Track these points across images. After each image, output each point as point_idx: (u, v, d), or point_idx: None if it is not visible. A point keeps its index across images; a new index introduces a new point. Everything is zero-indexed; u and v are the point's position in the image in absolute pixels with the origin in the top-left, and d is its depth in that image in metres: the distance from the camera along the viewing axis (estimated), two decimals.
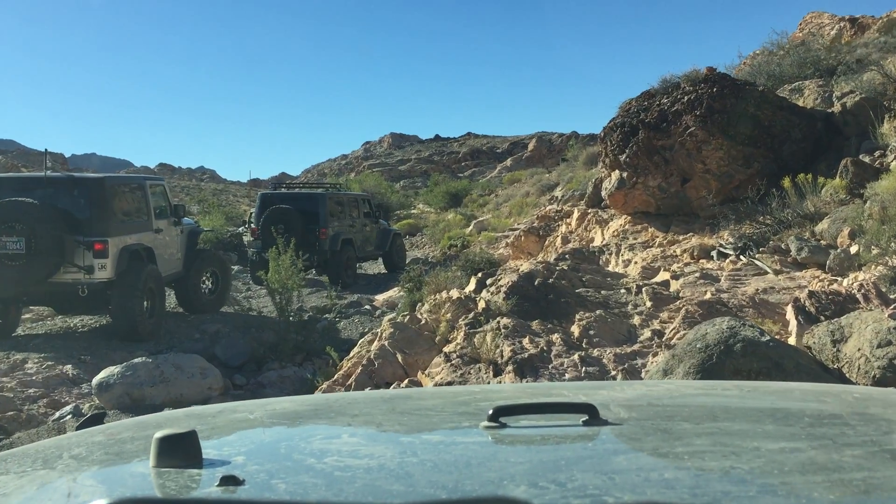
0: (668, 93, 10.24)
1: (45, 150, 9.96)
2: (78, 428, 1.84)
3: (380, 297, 13.17)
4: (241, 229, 21.68)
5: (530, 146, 61.31)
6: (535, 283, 7.71)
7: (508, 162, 57.60)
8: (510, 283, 7.62)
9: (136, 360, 7.39)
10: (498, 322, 6.91)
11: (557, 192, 22.59)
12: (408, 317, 7.57)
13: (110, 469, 1.23)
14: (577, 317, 7.09)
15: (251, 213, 24.52)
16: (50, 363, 8.32)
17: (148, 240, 10.39)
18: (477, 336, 6.80)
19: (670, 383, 2.78)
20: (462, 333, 6.93)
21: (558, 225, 13.38)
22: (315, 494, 0.99)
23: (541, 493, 0.96)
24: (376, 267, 18.99)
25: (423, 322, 7.49)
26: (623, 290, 8.00)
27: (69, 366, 8.27)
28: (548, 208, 19.55)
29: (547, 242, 12.77)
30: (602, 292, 7.95)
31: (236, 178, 65.70)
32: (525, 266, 8.41)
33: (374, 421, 1.54)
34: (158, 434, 1.11)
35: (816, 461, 1.13)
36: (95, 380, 7.22)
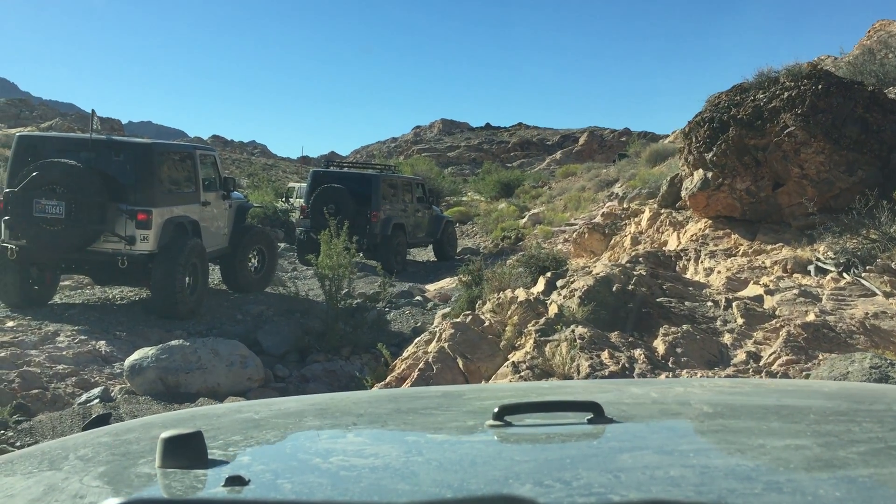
0: (765, 88, 9.31)
1: (93, 110, 9.36)
2: (84, 429, 1.76)
3: (431, 288, 12.50)
4: (280, 203, 21.12)
5: (581, 140, 60.61)
6: (614, 289, 6.93)
7: (558, 155, 57.14)
8: (585, 288, 6.85)
9: (172, 343, 6.80)
10: (573, 331, 6.16)
11: (617, 189, 21.67)
12: (469, 317, 6.85)
13: (116, 470, 1.19)
14: (662, 331, 6.31)
15: (289, 188, 24.07)
16: (83, 337, 7.79)
17: (194, 212, 9.81)
18: (549, 345, 6.06)
19: (675, 381, 2.67)
20: (532, 341, 6.19)
21: (625, 224, 12.53)
22: (320, 494, 0.99)
23: (546, 492, 0.95)
24: (425, 254, 18.34)
25: (487, 324, 6.77)
26: (710, 303, 7.18)
27: (103, 342, 7.73)
28: (608, 205, 18.68)
29: (613, 242, 11.93)
30: (686, 303, 7.15)
31: (286, 154, 65.71)
32: (599, 268, 7.63)
33: (379, 420, 1.50)
34: (164, 434, 1.10)
35: (822, 458, 1.13)
36: (128, 361, 6.66)
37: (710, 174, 9.48)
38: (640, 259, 8.81)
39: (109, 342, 7.74)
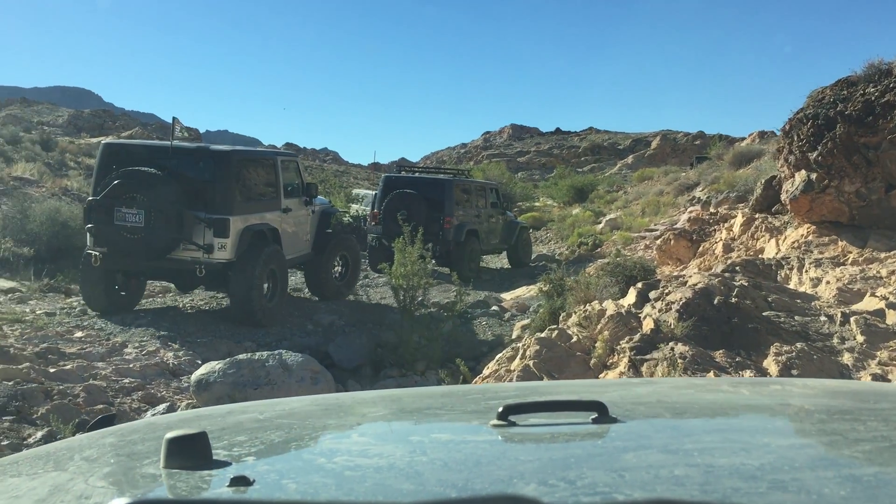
0: (876, 80, 8.50)
1: (174, 118, 9.23)
2: (88, 429, 1.64)
3: (507, 297, 11.97)
4: (353, 210, 20.85)
5: (653, 144, 59.70)
6: (715, 301, 6.29)
7: (630, 159, 56.51)
8: (683, 301, 6.23)
9: (240, 357, 6.48)
10: (672, 349, 5.56)
11: (699, 193, 20.75)
12: (555, 331, 6.31)
13: (121, 470, 1.18)
14: (773, 350, 5.65)
15: (350, 191, 23.82)
16: (151, 349, 7.55)
17: (275, 220, 9.65)
18: (646, 365, 5.48)
19: (679, 380, 2.61)
20: (626, 359, 5.62)
21: (714, 230, 11.76)
22: (325, 494, 0.98)
23: (550, 491, 0.94)
24: (498, 261, 17.83)
25: (574, 339, 6.22)
26: (823, 318, 6.46)
27: (170, 354, 7.47)
28: (691, 209, 17.84)
29: (702, 248, 11.18)
30: (796, 318, 6.45)
31: (357, 161, 66.10)
32: (696, 279, 6.99)
33: (384, 420, 1.49)
34: (169, 435, 1.09)
35: (827, 457, 1.13)
36: (194, 376, 6.36)
37: (814, 175, 8.70)
38: (738, 268, 8.11)
39: (177, 354, 7.48)
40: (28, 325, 7.89)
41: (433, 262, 13.23)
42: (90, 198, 8.97)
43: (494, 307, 10.62)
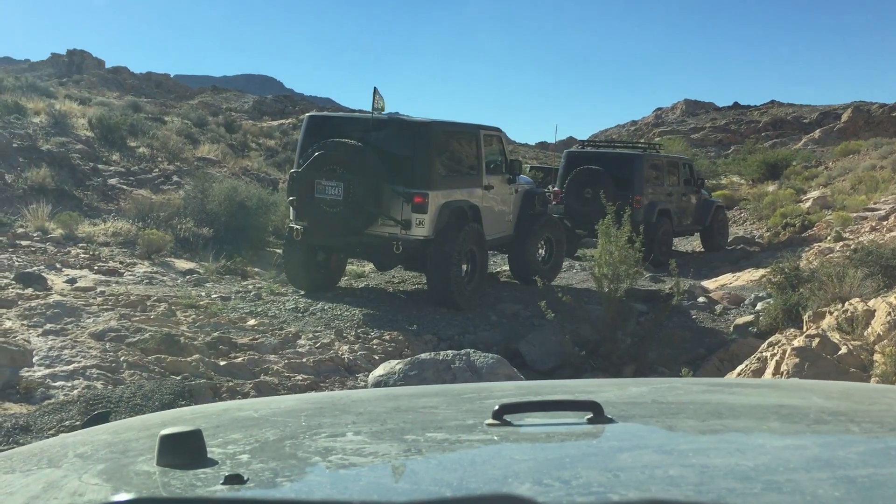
0: None
1: (375, 88, 8.65)
2: (83, 426, 1.51)
3: (711, 285, 10.50)
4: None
5: (844, 117, 54.69)
6: None
7: (817, 134, 52.33)
8: None
9: (422, 357, 5.62)
10: None
11: None
12: (816, 339, 4.96)
13: (115, 468, 1.14)
14: None
15: (527, 167, 22.74)
16: (325, 342, 6.87)
17: (475, 197, 9.06)
18: None
19: (674, 381, 2.41)
20: None
21: None
22: (320, 493, 0.98)
23: (545, 491, 0.93)
24: (687, 244, 16.21)
25: (843, 350, 4.84)
26: None
27: (345, 347, 6.76)
28: None
29: None
30: None
31: (524, 140, 65.03)
32: None
33: (379, 419, 1.44)
34: (163, 432, 1.08)
35: (821, 458, 1.11)
36: (372, 377, 5.59)
37: None
38: None
39: (352, 347, 6.76)
40: (202, 311, 7.48)
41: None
42: (293, 170, 8.86)
43: (701, 298, 9.21)
